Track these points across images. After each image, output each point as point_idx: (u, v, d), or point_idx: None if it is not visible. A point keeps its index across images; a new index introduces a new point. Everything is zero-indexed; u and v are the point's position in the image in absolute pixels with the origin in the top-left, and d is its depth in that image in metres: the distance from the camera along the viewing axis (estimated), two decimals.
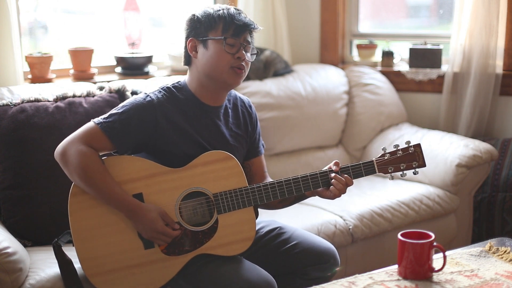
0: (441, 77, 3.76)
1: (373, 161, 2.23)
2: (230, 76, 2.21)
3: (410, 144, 2.23)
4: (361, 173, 2.23)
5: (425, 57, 3.79)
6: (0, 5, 2.86)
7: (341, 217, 2.97)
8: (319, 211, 3.03)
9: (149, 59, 3.48)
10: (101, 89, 2.86)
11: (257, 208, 2.32)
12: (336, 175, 2.19)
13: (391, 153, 2.23)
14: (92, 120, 2.18)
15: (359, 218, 2.98)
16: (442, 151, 3.34)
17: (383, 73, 3.86)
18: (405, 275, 1.88)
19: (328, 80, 3.70)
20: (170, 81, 2.32)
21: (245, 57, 2.22)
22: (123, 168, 2.16)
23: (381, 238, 3.06)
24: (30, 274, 2.22)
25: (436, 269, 1.89)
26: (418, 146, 2.24)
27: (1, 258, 2.11)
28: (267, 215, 2.62)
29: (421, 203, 3.18)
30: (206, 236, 2.18)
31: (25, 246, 2.45)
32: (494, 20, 3.54)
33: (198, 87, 2.27)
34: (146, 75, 3.39)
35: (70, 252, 2.19)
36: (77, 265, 2.17)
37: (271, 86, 3.50)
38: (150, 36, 3.75)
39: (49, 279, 2.20)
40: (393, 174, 2.23)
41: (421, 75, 3.81)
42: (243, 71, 2.23)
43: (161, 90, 2.25)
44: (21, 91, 2.75)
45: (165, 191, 2.17)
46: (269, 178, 2.46)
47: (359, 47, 4.00)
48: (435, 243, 1.87)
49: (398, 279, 1.88)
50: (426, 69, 3.79)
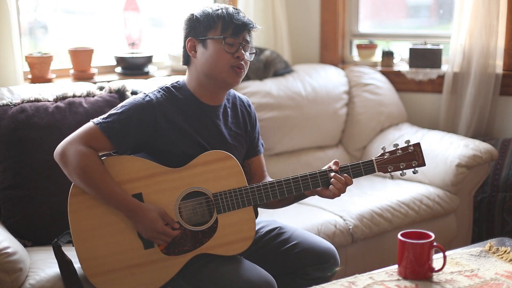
0: (441, 77, 3.76)
1: (372, 160, 2.23)
2: (229, 75, 2.21)
3: (410, 144, 2.23)
4: (360, 173, 2.22)
5: (425, 57, 3.78)
6: (0, 5, 2.86)
7: (341, 217, 2.97)
8: (319, 211, 3.02)
9: (149, 59, 3.48)
10: (101, 89, 2.85)
11: (256, 208, 2.32)
12: (335, 174, 2.19)
13: (391, 152, 2.23)
14: (91, 120, 2.18)
15: (359, 218, 2.97)
16: (442, 151, 3.34)
17: (383, 73, 3.86)
18: (405, 275, 1.88)
19: (328, 80, 3.70)
20: (169, 81, 2.32)
21: (244, 57, 2.22)
22: (122, 168, 2.16)
23: (381, 238, 3.06)
24: (30, 274, 2.22)
25: (436, 269, 1.89)
26: (417, 145, 2.24)
27: (1, 258, 2.11)
28: (267, 215, 2.62)
29: (421, 203, 3.18)
30: (205, 236, 2.18)
31: (25, 246, 2.45)
32: (494, 20, 3.54)
33: (197, 87, 2.27)
34: (146, 75, 3.39)
35: (70, 252, 2.19)
36: (77, 265, 2.17)
37: (271, 86, 3.50)
38: (150, 36, 3.75)
39: (49, 279, 2.20)
40: (392, 173, 2.23)
41: (421, 75, 3.81)
42: (242, 71, 2.23)
43: (160, 90, 2.25)
44: (21, 91, 2.75)
45: (165, 191, 2.17)
46: (269, 177, 2.46)
47: (359, 47, 4.00)
48: (435, 243, 1.87)
49: (398, 279, 1.88)
50: (426, 69, 3.79)
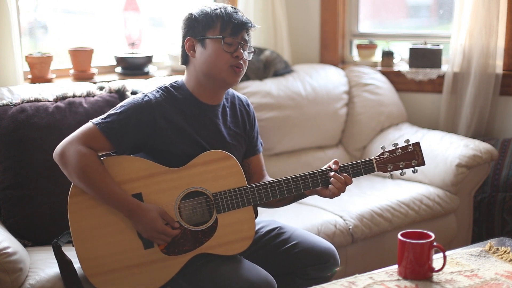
0: (441, 77, 3.76)
1: (372, 159, 2.23)
2: (228, 75, 2.21)
3: (409, 143, 2.23)
4: (360, 172, 2.22)
5: (425, 57, 3.78)
6: (0, 5, 2.86)
7: (341, 217, 2.97)
8: (319, 211, 3.02)
9: (149, 59, 3.48)
10: (101, 89, 2.85)
11: (256, 208, 2.32)
12: (335, 174, 2.19)
13: (390, 152, 2.23)
14: (90, 120, 2.18)
15: (359, 218, 2.97)
16: (442, 151, 3.33)
17: (383, 73, 3.86)
18: (405, 275, 1.88)
19: (328, 80, 3.70)
20: (167, 81, 2.32)
21: (243, 56, 2.22)
22: (122, 168, 2.16)
23: (381, 238, 3.06)
24: (30, 274, 2.22)
25: (436, 269, 1.89)
26: (417, 145, 2.24)
27: (1, 258, 2.11)
28: (267, 214, 2.62)
29: (421, 203, 3.18)
30: (205, 235, 2.18)
31: (25, 246, 2.45)
32: (494, 20, 3.54)
33: (196, 86, 2.27)
34: (146, 75, 3.39)
35: (70, 252, 2.19)
36: (77, 265, 2.17)
37: (271, 86, 3.50)
38: (150, 36, 3.75)
39: (49, 279, 2.20)
40: (392, 173, 2.23)
41: (421, 75, 3.81)
42: (241, 70, 2.23)
43: (159, 90, 2.25)
44: (21, 91, 2.75)
45: (165, 191, 2.17)
46: (268, 176, 2.46)
47: (359, 47, 4.00)
48: (435, 243, 1.87)
49: (398, 279, 1.88)
50: (426, 69, 3.79)
